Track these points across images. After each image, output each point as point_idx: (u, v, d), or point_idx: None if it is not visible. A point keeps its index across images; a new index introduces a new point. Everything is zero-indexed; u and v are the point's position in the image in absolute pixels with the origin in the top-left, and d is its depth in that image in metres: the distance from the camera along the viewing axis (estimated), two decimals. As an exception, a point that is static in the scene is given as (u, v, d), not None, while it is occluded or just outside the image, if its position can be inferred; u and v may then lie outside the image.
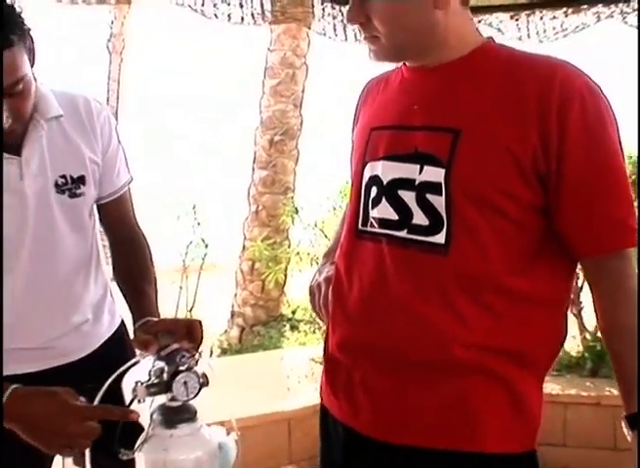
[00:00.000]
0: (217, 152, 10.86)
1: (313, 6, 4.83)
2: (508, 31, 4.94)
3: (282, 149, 6.01)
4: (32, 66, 1.37)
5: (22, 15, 1.33)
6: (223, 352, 5.28)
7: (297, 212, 4.67)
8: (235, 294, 6.13)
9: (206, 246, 5.01)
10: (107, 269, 1.73)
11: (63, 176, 1.51)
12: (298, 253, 4.53)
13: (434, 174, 1.18)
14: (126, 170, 1.67)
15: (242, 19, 3.78)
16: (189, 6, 3.62)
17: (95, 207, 1.64)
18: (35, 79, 1.41)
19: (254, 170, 6.10)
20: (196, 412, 1.26)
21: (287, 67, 5.78)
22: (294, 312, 5.97)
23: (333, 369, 1.35)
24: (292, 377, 3.45)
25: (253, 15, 3.82)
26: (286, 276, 5.60)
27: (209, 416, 1.31)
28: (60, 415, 1.22)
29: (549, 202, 1.17)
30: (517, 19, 4.87)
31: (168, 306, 4.66)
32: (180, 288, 4.94)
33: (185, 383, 1.23)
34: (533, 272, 1.20)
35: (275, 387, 3.31)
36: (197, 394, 1.25)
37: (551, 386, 3.21)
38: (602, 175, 1.16)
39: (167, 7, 3.72)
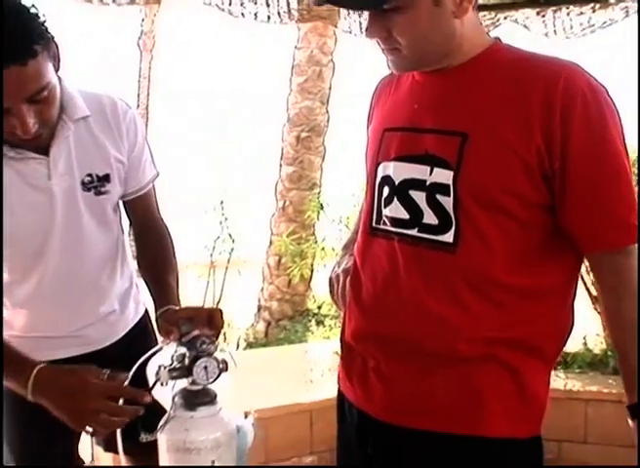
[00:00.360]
0: (244, 148, 10.93)
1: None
2: (534, 28, 4.93)
3: (309, 146, 6.07)
4: (57, 71, 1.43)
5: (46, 23, 1.38)
6: (249, 345, 5.37)
7: (322, 207, 4.72)
8: (262, 289, 6.22)
9: (233, 241, 5.09)
10: (132, 262, 1.80)
11: (90, 175, 1.57)
12: (323, 249, 4.58)
13: (443, 176, 1.23)
14: (151, 166, 1.73)
15: (268, 17, 3.83)
16: (217, 5, 3.68)
17: (120, 202, 1.71)
18: (61, 81, 1.47)
19: (281, 166, 6.17)
20: (216, 396, 1.32)
21: (314, 65, 5.84)
22: (319, 307, 6.03)
23: (348, 356, 1.41)
24: (315, 370, 3.50)
25: (279, 13, 3.87)
26: (312, 271, 5.66)
27: (233, 406, 1.37)
28: (80, 392, 1.31)
29: (555, 200, 1.21)
30: (543, 16, 4.84)
31: (195, 300, 4.74)
32: (208, 282, 5.02)
33: (205, 368, 1.30)
34: (538, 268, 1.24)
35: (298, 379, 3.36)
36: (216, 378, 1.31)
37: (573, 383, 3.23)
38: (604, 174, 1.19)
39: (195, 6, 3.79)
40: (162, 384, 1.31)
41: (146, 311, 1.82)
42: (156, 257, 1.69)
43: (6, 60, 1.27)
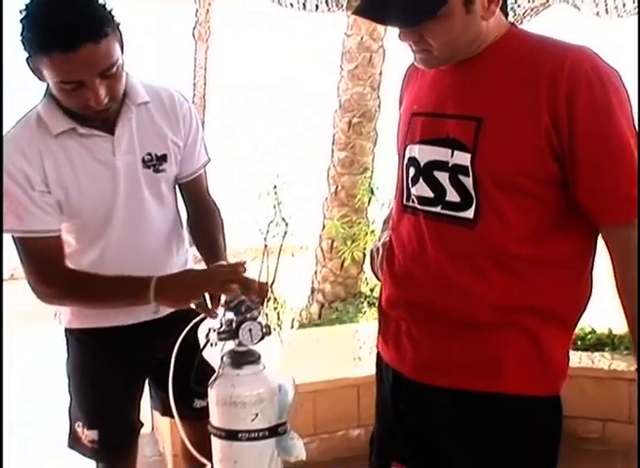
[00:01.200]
0: (298, 135, 11.08)
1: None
2: (585, 7, 4.90)
3: (360, 131, 6.15)
4: (122, 54, 1.61)
5: (113, 12, 1.58)
6: (302, 326, 5.51)
7: (372, 192, 4.81)
8: (315, 272, 6.35)
9: (286, 224, 5.22)
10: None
11: (149, 154, 1.75)
12: (373, 232, 4.67)
13: (462, 157, 1.33)
14: (204, 153, 1.90)
15: (317, 6, 3.94)
16: (268, -5, 3.81)
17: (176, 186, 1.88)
18: (124, 68, 1.64)
19: (333, 151, 6.28)
20: (260, 357, 1.47)
21: (364, 51, 5.91)
22: (372, 290, 6.13)
23: (384, 321, 1.53)
24: (364, 348, 3.60)
25: (327, 2, 3.97)
26: (364, 254, 5.76)
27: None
28: (202, 273, 1.69)
29: (567, 176, 1.30)
30: (594, -5, 4.82)
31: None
32: (262, 262, 5.17)
33: (250, 331, 1.44)
34: (554, 241, 1.34)
35: (347, 356, 3.48)
36: (260, 340, 1.45)
37: (617, 363, 3.26)
38: (609, 153, 1.27)
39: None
40: (211, 345, 1.47)
41: None
42: (207, 226, 1.88)
43: (82, 40, 1.47)
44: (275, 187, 5.48)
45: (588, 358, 3.26)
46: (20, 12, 1.52)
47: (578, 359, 3.23)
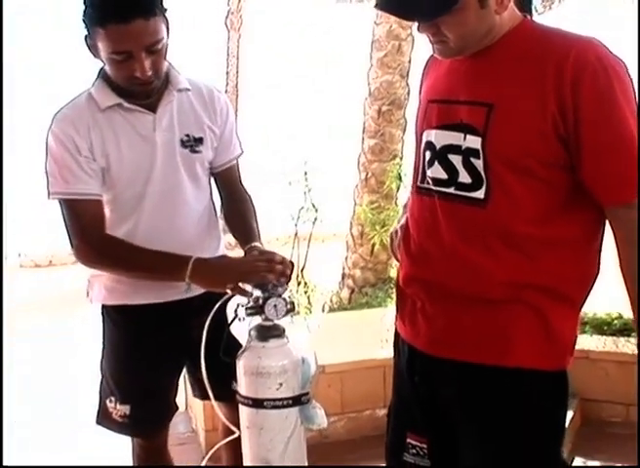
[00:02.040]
0: (328, 123, 11.14)
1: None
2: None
3: (390, 119, 6.23)
4: (167, 37, 1.76)
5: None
6: (333, 310, 5.62)
7: (400, 178, 4.89)
8: (346, 258, 6.46)
9: (316, 210, 5.33)
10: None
11: (187, 135, 1.89)
12: (401, 218, 4.74)
13: (474, 141, 1.41)
14: (238, 146, 2.04)
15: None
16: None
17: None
18: (167, 51, 1.78)
19: (363, 139, 6.36)
20: (284, 331, 1.57)
21: (393, 39, 5.98)
22: (401, 275, 6.21)
23: (401, 298, 1.62)
24: (391, 331, 3.67)
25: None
26: (394, 241, 5.83)
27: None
28: (242, 263, 1.78)
29: (572, 160, 1.37)
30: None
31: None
32: (293, 247, 5.29)
33: (275, 306, 1.55)
34: (561, 221, 1.41)
35: (375, 339, 3.55)
36: (285, 315, 1.55)
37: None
38: (610, 138, 1.33)
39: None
40: (240, 320, 1.57)
41: None
42: (240, 211, 2.01)
43: (134, 14, 1.66)
44: (306, 174, 5.60)
45: (613, 343, 3.30)
46: None
47: (602, 343, 3.28)
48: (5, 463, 2.32)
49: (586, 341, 3.27)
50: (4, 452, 2.35)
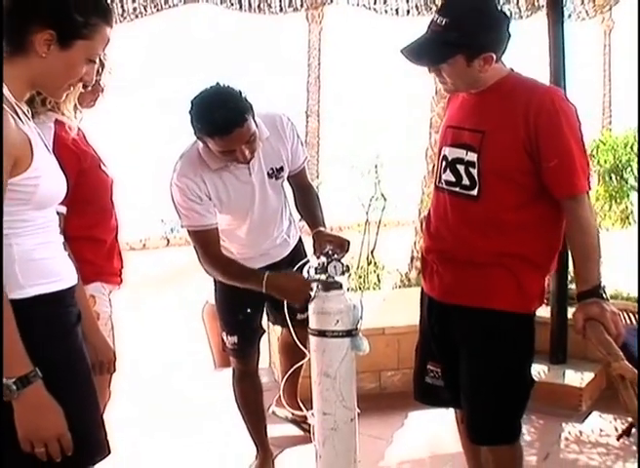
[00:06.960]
0: (399, 118, 11.58)
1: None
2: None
3: (454, 115, 6.71)
4: (254, 119, 2.36)
5: (247, 98, 2.37)
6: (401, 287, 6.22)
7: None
8: (414, 242, 7.04)
9: (385, 199, 5.93)
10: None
11: (272, 168, 2.59)
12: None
13: (472, 156, 2.04)
14: (304, 153, 2.72)
15: (408, 11, 4.60)
16: (364, 5, 4.52)
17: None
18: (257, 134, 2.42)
19: (430, 134, 6.91)
20: (341, 285, 2.26)
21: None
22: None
23: (424, 263, 2.28)
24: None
25: (417, 7, 4.62)
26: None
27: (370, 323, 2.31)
28: (299, 282, 2.35)
29: (537, 168, 1.98)
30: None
31: (352, 250, 5.59)
32: (364, 231, 5.89)
33: (335, 267, 2.25)
34: (531, 209, 2.04)
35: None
36: (342, 274, 2.24)
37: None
38: (558, 154, 1.95)
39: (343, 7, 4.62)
40: (309, 277, 2.27)
41: (300, 238, 2.86)
42: (308, 203, 2.75)
43: (233, 127, 2.26)
44: (376, 167, 6.20)
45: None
46: (190, 103, 2.32)
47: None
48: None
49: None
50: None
